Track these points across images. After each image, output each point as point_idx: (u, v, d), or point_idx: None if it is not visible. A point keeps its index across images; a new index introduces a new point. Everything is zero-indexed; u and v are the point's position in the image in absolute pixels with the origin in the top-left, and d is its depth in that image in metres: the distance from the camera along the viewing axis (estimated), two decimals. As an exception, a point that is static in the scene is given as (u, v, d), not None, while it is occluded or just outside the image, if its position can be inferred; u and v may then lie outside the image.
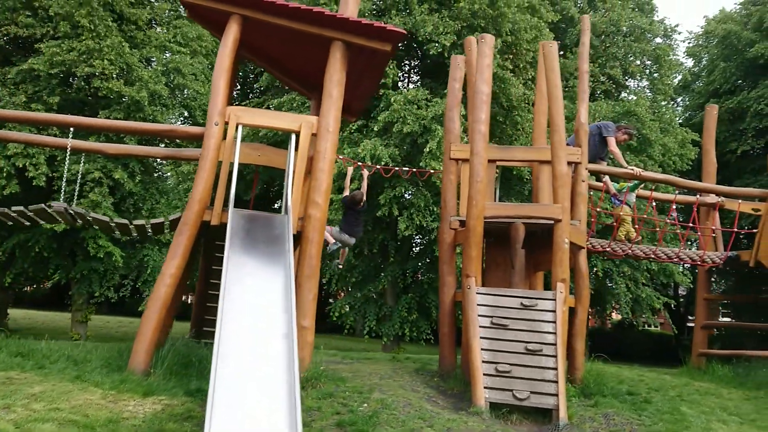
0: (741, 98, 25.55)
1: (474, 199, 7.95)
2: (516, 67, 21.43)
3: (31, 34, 19.57)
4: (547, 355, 7.15)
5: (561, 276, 7.76)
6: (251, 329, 5.18)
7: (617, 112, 23.36)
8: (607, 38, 25.67)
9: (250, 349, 5.01)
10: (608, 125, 10.11)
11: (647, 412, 7.05)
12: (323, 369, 7.07)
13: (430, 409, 6.36)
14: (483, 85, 8.22)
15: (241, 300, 5.48)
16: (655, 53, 25.73)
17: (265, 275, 5.82)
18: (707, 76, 28.28)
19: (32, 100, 18.62)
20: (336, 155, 7.44)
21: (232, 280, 5.67)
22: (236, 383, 4.59)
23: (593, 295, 23.79)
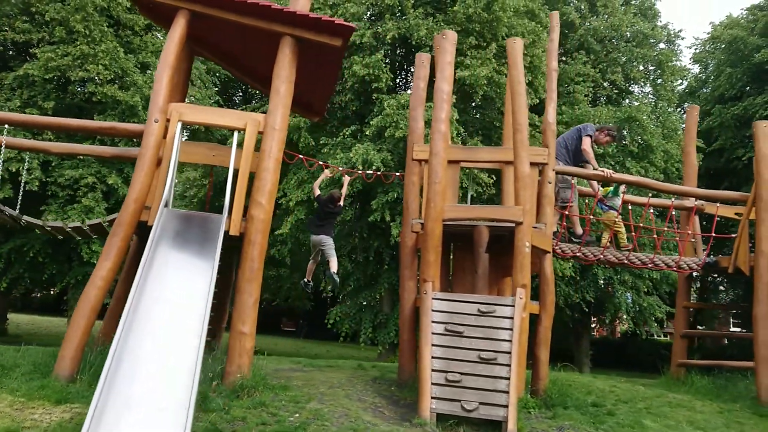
0: (747, 104, 25.07)
1: (432, 201, 7.66)
2: (513, 72, 21.03)
3: (27, 39, 19.63)
4: (501, 364, 6.81)
5: (521, 281, 7.43)
6: (160, 331, 4.92)
7: (618, 118, 22.98)
8: (608, 43, 25.28)
9: (154, 351, 4.74)
10: (588, 126, 9.79)
11: (606, 425, 6.69)
12: (265, 377, 6.77)
13: (368, 420, 6.04)
14: (443, 83, 7.93)
15: (156, 299, 5.23)
16: (658, 59, 25.29)
17: (188, 275, 5.56)
18: (713, 82, 27.79)
19: (27, 104, 18.63)
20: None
21: (153, 278, 5.43)
22: (129, 387, 4.31)
23: (595, 304, 23.40)
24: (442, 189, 7.73)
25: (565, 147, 9.72)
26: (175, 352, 4.72)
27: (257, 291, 6.68)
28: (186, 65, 8.23)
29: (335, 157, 17.83)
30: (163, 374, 4.56)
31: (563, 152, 9.67)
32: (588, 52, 24.98)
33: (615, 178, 8.90)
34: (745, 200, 9.05)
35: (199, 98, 21.54)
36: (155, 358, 4.73)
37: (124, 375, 4.53)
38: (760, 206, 8.67)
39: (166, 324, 5.03)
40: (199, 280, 5.46)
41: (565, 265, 19.99)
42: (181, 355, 4.66)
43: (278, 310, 42.56)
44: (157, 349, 4.80)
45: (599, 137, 9.91)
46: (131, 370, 4.58)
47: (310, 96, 8.92)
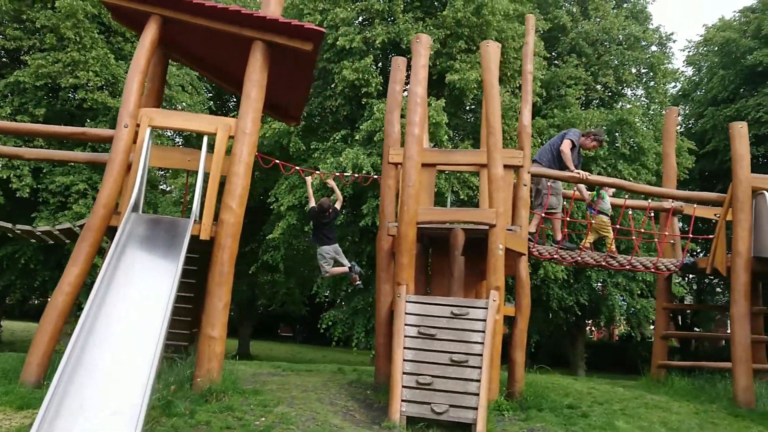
0: (740, 106, 25.14)
1: (406, 204, 7.67)
2: (504, 76, 21.13)
3: (18, 46, 19.71)
4: (471, 367, 6.80)
5: (495, 283, 7.43)
6: (119, 335, 4.93)
7: (610, 121, 23.01)
8: (600, 47, 25.30)
9: (113, 355, 4.74)
10: (572, 131, 9.79)
11: (577, 426, 6.68)
12: (236, 381, 6.77)
13: (336, 423, 6.04)
14: (417, 86, 7.96)
15: (118, 302, 5.25)
16: (650, 62, 25.31)
17: (152, 278, 5.57)
18: (706, 84, 27.84)
19: (18, 112, 18.69)
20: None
21: (116, 282, 5.44)
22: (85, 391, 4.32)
23: (589, 307, 23.37)
24: (416, 192, 7.75)
25: (551, 152, 9.72)
26: (133, 356, 4.72)
27: (227, 295, 6.69)
28: (160, 70, 8.25)
29: (325, 162, 17.86)
30: (121, 378, 4.56)
31: (549, 157, 9.67)
32: (580, 56, 25.01)
33: (590, 180, 8.91)
34: (722, 201, 9.04)
35: (190, 104, 21.60)
36: (113, 362, 4.73)
37: (80, 379, 4.53)
38: (736, 207, 8.66)
39: (126, 328, 5.03)
40: (162, 284, 5.47)
41: (557, 268, 19.99)
42: (139, 359, 4.66)
43: (275, 315, 42.59)
44: (116, 354, 4.80)
45: (586, 142, 9.91)
46: (88, 374, 4.58)
47: (286, 100, 8.94)
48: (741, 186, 8.70)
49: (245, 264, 21.77)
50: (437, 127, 18.22)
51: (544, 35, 25.38)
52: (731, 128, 8.99)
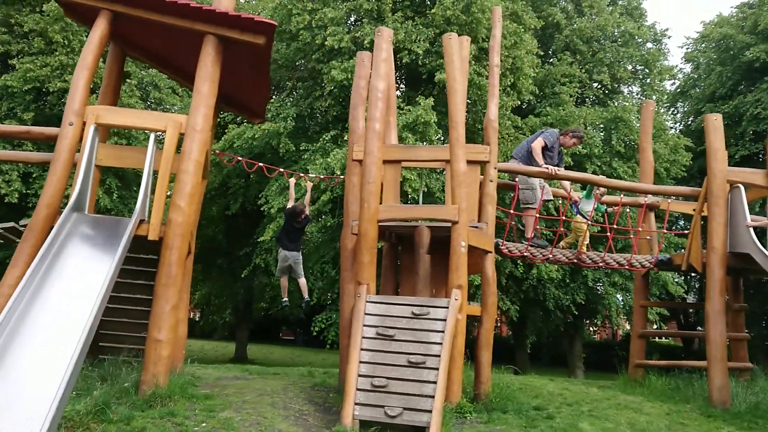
0: (737, 102, 24.83)
1: (366, 201, 7.46)
2: (497, 74, 20.85)
3: (6, 50, 19.65)
4: (429, 368, 6.58)
5: (457, 282, 7.21)
6: (43, 338, 4.73)
7: (605, 118, 22.76)
8: (595, 44, 25.02)
9: (34, 358, 4.56)
10: (547, 131, 9.59)
11: (539, 429, 6.46)
12: (185, 386, 6.58)
13: (282, 428, 5.84)
14: (378, 81, 7.76)
15: (45, 302, 5.06)
16: (645, 58, 25.02)
17: (85, 279, 5.37)
18: (704, 81, 27.51)
19: (7, 116, 18.62)
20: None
21: (45, 283, 5.26)
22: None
23: (585, 306, 23.05)
24: (377, 189, 7.55)
25: (526, 149, 9.54)
26: (53, 360, 4.54)
27: (175, 297, 6.49)
28: (117, 67, 8.09)
29: (315, 163, 17.69)
30: (36, 382, 4.37)
31: (524, 153, 9.50)
32: (574, 53, 24.76)
33: (560, 175, 8.69)
34: (697, 195, 8.80)
35: (182, 107, 21.49)
36: (32, 365, 4.55)
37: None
38: (711, 201, 8.42)
39: (50, 329, 4.85)
40: (93, 285, 5.28)
41: (551, 268, 19.73)
42: (58, 363, 4.47)
43: (277, 318, 42.43)
44: (37, 357, 4.61)
45: (565, 141, 9.70)
46: (3, 376, 4.40)
47: (247, 97, 8.76)
48: (716, 180, 8.46)
49: (241, 267, 21.67)
50: (427, 126, 18.04)
51: (538, 33, 25.15)
52: (706, 120, 8.75)
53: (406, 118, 17.99)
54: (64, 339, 4.66)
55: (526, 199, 9.25)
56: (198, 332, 44.92)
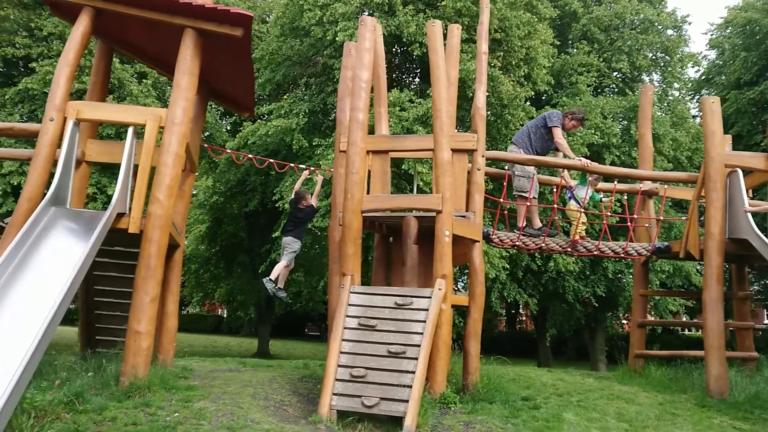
0: (763, 88, 24.22)
1: (350, 192, 7.42)
2: (509, 65, 20.71)
3: (27, 54, 20.03)
4: (408, 358, 6.52)
5: (441, 271, 7.14)
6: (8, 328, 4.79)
7: (624, 107, 22.41)
8: (613, 32, 24.61)
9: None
10: (553, 114, 9.41)
11: (518, 419, 6.35)
12: (166, 377, 6.61)
13: (254, 418, 5.82)
14: (362, 70, 7.69)
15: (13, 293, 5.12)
16: (665, 45, 24.53)
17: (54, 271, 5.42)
18: (728, 67, 26.87)
19: (30, 118, 19.00)
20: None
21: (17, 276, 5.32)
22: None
23: (605, 299, 22.71)
24: (361, 179, 7.50)
25: (528, 135, 9.39)
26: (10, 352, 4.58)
27: (154, 289, 6.54)
28: (104, 63, 8.18)
29: (327, 158, 17.70)
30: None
31: (525, 140, 9.35)
32: (591, 42, 24.42)
33: (592, 168, 8.50)
34: (694, 181, 8.59)
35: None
36: None
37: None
38: (708, 186, 8.20)
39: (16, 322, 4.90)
40: (63, 277, 5.32)
41: (568, 260, 19.48)
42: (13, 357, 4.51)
43: (303, 315, 42.70)
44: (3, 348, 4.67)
45: (566, 123, 9.52)
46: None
47: (233, 90, 8.78)
48: (713, 164, 8.24)
49: (262, 264, 21.87)
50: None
51: (554, 23, 24.83)
52: (702, 103, 8.52)
53: (417, 111, 17.92)
54: (24, 331, 4.69)
55: (521, 187, 9.12)
56: (225, 329, 45.53)
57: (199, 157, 21.04)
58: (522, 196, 9.01)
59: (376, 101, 9.35)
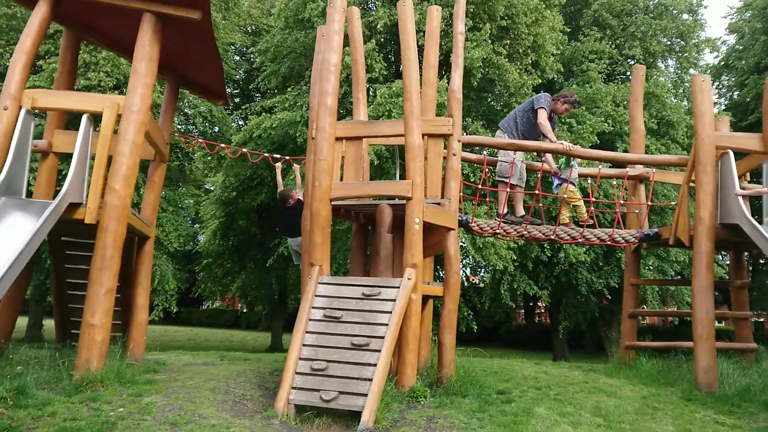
0: (783, 72, 23.39)
1: (317, 179, 7.18)
2: (515, 53, 20.30)
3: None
4: (372, 350, 6.27)
5: (411, 260, 6.86)
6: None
7: (636, 94, 21.79)
8: (625, 17, 23.99)
9: None
10: (542, 97, 9.07)
11: (485, 414, 6.05)
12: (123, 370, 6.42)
13: (204, 413, 5.61)
14: (330, 53, 7.43)
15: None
16: (680, 30, 23.85)
17: None
18: (748, 52, 26.07)
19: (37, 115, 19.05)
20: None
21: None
22: None
23: (619, 290, 22.16)
24: (330, 166, 7.25)
25: (514, 120, 9.08)
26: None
27: (110, 281, 6.37)
28: (71, 53, 8.05)
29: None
30: None
31: (512, 124, 9.03)
32: (603, 28, 23.84)
33: (574, 152, 8.17)
34: (685, 164, 8.19)
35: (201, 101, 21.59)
36: None
37: None
38: (698, 169, 7.80)
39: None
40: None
41: (579, 251, 19.03)
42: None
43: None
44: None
45: (557, 107, 9.17)
46: None
47: (204, 79, 8.59)
48: (703, 146, 7.83)
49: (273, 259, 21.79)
50: (443, 108, 17.64)
51: (564, 9, 24.29)
52: (693, 82, 8.12)
53: (420, 101, 17.59)
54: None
55: (502, 171, 8.80)
56: (243, 323, 45.61)
57: (209, 153, 20.92)
58: (503, 182, 8.69)
59: (354, 87, 9.12)
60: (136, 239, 7.99)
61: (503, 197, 8.62)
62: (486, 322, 35.72)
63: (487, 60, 18.55)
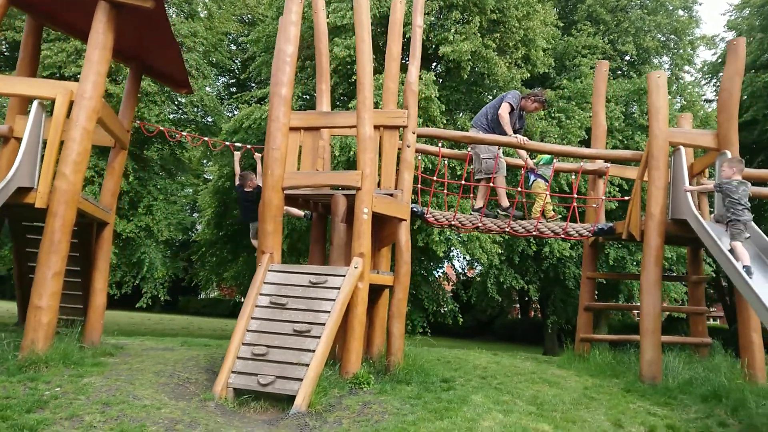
0: (780, 71, 23.33)
1: (270, 168, 7.31)
2: (506, 46, 20.29)
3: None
4: (312, 336, 6.39)
5: (359, 250, 6.98)
6: None
7: (627, 90, 21.83)
8: (620, 13, 23.93)
9: None
10: (510, 93, 9.17)
11: (420, 400, 6.17)
12: (69, 353, 6.54)
13: (140, 394, 5.74)
14: (286, 44, 7.54)
15: None
16: (674, 27, 23.78)
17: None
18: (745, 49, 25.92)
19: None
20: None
21: None
22: None
23: (605, 285, 22.22)
24: (282, 156, 7.38)
25: (485, 116, 9.17)
26: None
27: (58, 264, 6.49)
28: (32, 40, 8.14)
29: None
30: None
31: (483, 121, 9.15)
32: (597, 23, 23.79)
33: (528, 146, 8.26)
34: (638, 159, 8.24)
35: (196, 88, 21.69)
36: None
37: None
38: (650, 164, 7.86)
39: None
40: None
41: (563, 245, 19.08)
42: None
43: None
44: None
45: (527, 104, 9.24)
46: None
47: (167, 68, 8.70)
48: (656, 141, 7.90)
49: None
50: (429, 101, 17.72)
51: (559, 3, 24.27)
52: (648, 79, 8.17)
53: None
54: None
55: (488, 168, 8.86)
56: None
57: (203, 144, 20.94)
58: (487, 178, 8.77)
59: (318, 78, 9.23)
60: (95, 225, 8.11)
61: (485, 192, 8.71)
62: (480, 316, 35.85)
63: (476, 53, 18.56)
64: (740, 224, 6.94)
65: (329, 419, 5.75)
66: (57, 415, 5.12)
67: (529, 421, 5.76)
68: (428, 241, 17.36)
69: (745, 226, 6.97)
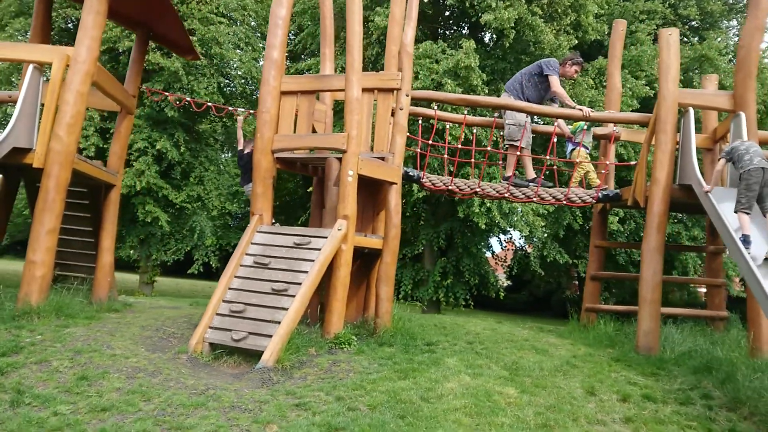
0: None
1: (260, 131, 7.41)
2: (554, 12, 19.66)
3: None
4: (288, 295, 6.47)
5: (343, 212, 7.00)
6: None
7: (688, 57, 20.78)
8: (681, -25, 22.75)
9: None
10: (550, 62, 8.80)
11: (390, 361, 6.16)
12: (61, 305, 6.84)
13: (114, 344, 5.97)
14: (278, 7, 7.58)
15: None
16: (739, -15, 22.45)
17: None
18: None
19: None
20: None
21: None
22: None
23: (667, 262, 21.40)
24: (272, 119, 7.46)
25: (520, 83, 8.87)
26: None
27: (52, 221, 6.78)
28: (43, 6, 8.43)
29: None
30: None
31: (517, 88, 8.82)
32: (657, -15, 22.70)
33: (593, 117, 8.01)
34: (643, 122, 7.87)
35: (244, 61, 22.03)
36: None
37: None
38: (658, 127, 7.49)
39: None
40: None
41: (612, 219, 18.50)
42: None
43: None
44: None
45: (566, 71, 8.91)
46: None
47: (172, 34, 8.85)
48: (665, 102, 7.50)
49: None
50: (469, 70, 17.44)
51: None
52: (659, 36, 7.75)
53: (447, 63, 17.42)
54: None
55: (511, 135, 8.65)
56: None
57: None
58: (513, 146, 8.57)
59: (322, 42, 9.20)
60: (103, 187, 8.40)
61: (512, 160, 8.53)
62: (537, 291, 35.22)
63: (521, 20, 18.07)
64: (749, 182, 6.22)
65: (295, 375, 5.82)
66: (29, 359, 5.39)
67: (496, 385, 5.67)
68: (468, 212, 17.18)
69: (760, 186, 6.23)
